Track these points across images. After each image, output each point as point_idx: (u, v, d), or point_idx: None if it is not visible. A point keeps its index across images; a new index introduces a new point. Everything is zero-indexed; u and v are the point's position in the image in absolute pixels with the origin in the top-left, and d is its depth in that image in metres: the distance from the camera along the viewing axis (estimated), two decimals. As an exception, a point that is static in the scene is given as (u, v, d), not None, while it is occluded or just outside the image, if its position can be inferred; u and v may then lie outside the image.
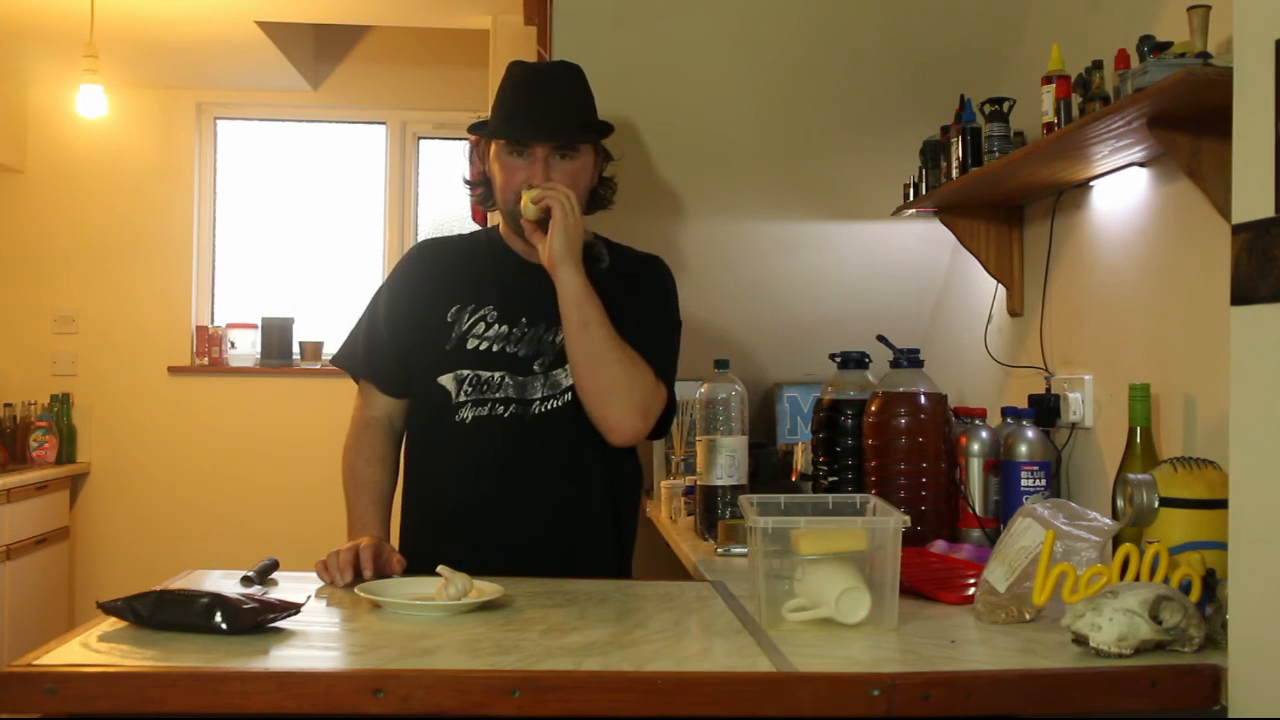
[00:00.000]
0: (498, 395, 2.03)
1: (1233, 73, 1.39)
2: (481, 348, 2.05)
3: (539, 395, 2.03)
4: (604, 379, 1.97)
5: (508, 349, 2.04)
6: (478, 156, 2.14)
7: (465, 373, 2.04)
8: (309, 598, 1.70)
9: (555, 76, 2.08)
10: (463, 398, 2.04)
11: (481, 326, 2.06)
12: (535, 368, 2.04)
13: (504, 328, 2.05)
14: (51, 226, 5.26)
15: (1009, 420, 2.34)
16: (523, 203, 1.97)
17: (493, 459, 2.03)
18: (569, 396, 2.03)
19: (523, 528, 2.03)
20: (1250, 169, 1.34)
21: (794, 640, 1.50)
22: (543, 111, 2.01)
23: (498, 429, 2.03)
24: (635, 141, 3.02)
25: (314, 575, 1.86)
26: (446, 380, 2.05)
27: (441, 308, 2.08)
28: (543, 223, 1.98)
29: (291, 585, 1.81)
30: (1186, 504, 1.60)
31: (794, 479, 2.98)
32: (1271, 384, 1.30)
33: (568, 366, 2.02)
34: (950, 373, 3.02)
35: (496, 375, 2.03)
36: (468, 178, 2.17)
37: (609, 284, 2.01)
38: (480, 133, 2.10)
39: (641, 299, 2.09)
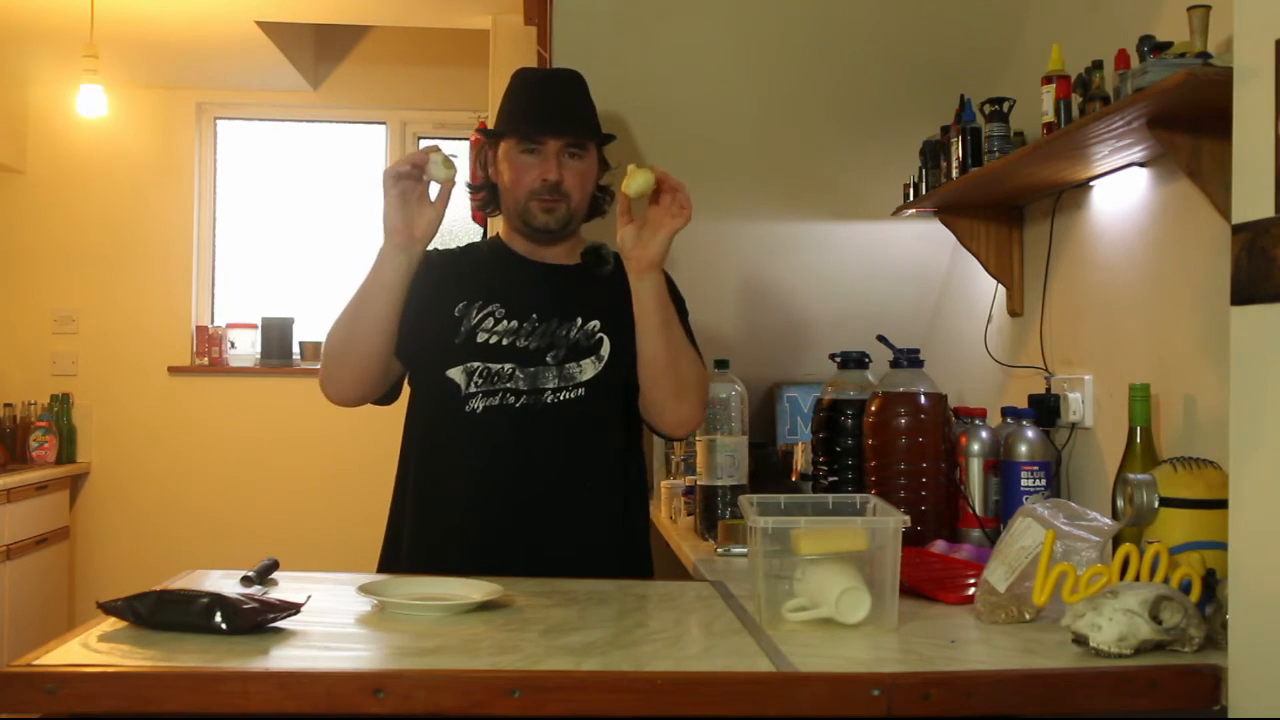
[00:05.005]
0: (508, 386, 2.03)
1: (1233, 73, 1.39)
2: (491, 341, 2.05)
3: (551, 385, 2.03)
4: (682, 376, 2.03)
5: (517, 343, 2.05)
6: (480, 162, 2.17)
7: (475, 365, 2.04)
8: (309, 598, 1.70)
9: (563, 80, 2.14)
10: (473, 389, 2.04)
11: (490, 321, 2.06)
12: (549, 359, 2.04)
13: (513, 323, 2.06)
14: (51, 226, 5.26)
15: (1009, 420, 2.34)
16: (630, 175, 1.90)
17: (504, 446, 2.02)
18: (582, 391, 2.03)
19: (534, 517, 2.01)
20: (1250, 169, 1.34)
21: (794, 640, 1.50)
22: (555, 109, 2.07)
23: (509, 418, 2.02)
24: (635, 142, 3.02)
25: (314, 575, 1.86)
26: (456, 374, 2.04)
27: (448, 305, 2.08)
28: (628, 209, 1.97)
29: (291, 585, 1.80)
30: (1186, 504, 1.60)
31: (794, 479, 2.98)
32: (1271, 384, 1.31)
33: (583, 362, 2.04)
34: (950, 373, 3.02)
35: (506, 367, 2.03)
36: (470, 183, 2.19)
37: (618, 287, 2.01)
38: (492, 135, 2.12)
39: None
